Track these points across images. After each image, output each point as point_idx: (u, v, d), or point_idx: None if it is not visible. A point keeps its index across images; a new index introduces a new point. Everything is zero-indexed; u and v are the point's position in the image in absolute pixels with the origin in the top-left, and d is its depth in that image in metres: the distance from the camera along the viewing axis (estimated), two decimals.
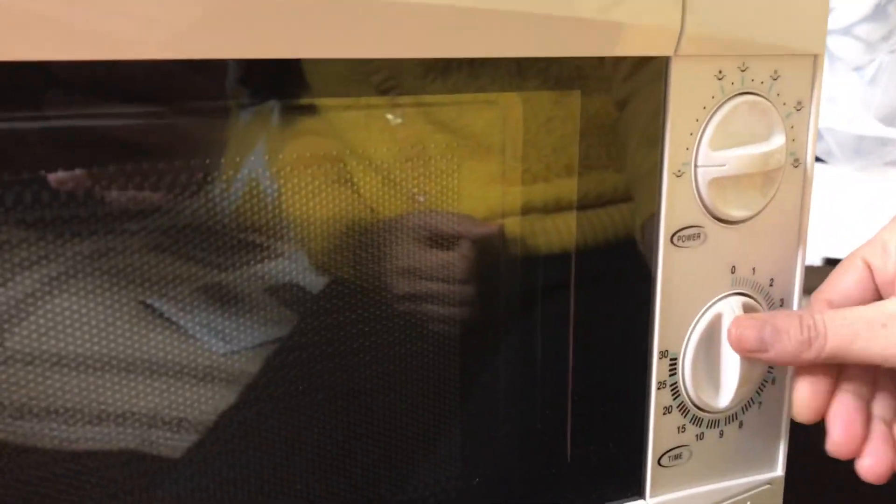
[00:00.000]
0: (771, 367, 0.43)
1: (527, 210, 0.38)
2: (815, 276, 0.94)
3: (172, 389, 0.33)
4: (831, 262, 0.86)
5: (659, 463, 0.41)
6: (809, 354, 0.37)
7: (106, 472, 0.33)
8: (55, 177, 0.30)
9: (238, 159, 0.32)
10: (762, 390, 0.43)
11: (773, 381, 0.44)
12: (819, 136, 0.41)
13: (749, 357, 0.39)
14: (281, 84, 0.32)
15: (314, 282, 0.35)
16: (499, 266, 0.38)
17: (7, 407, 0.31)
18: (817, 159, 0.89)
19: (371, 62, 0.33)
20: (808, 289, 0.44)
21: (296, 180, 0.34)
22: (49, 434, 0.32)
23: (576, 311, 0.39)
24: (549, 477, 0.40)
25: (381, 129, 0.35)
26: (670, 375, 0.40)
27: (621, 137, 0.38)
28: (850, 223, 0.85)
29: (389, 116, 0.35)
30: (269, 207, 0.33)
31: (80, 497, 0.32)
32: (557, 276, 0.39)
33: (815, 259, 0.84)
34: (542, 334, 0.39)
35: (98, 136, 0.30)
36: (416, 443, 0.37)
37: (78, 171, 0.30)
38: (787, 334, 0.38)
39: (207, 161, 0.32)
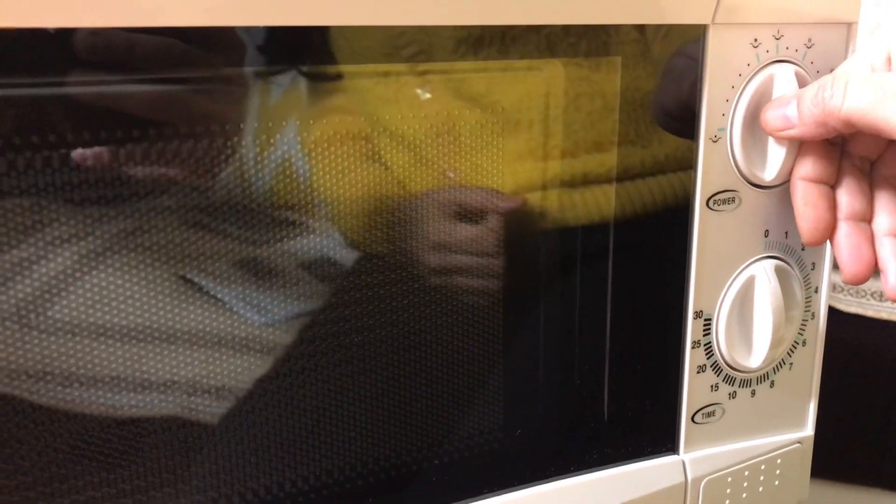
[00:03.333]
0: (801, 330, 0.44)
1: (566, 182, 0.39)
2: None
3: (212, 359, 0.34)
4: None
5: (692, 420, 0.43)
6: (822, 113, 0.35)
7: (150, 437, 0.34)
8: (79, 153, 0.30)
9: (269, 138, 0.33)
10: (793, 352, 0.45)
11: (804, 343, 0.45)
12: None
13: (779, 136, 0.38)
14: (309, 60, 0.33)
15: (347, 256, 0.36)
16: (538, 235, 0.39)
17: (55, 376, 0.32)
18: None
19: (402, 35, 0.34)
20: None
21: (327, 157, 0.34)
22: (96, 401, 0.32)
23: (614, 274, 0.40)
24: (588, 431, 0.42)
25: (411, 104, 0.35)
26: (704, 335, 0.42)
27: (655, 107, 0.39)
28: None
29: (419, 91, 0.35)
30: (302, 184, 0.34)
31: (126, 461, 0.33)
32: (596, 242, 0.40)
33: None
34: (582, 296, 0.40)
35: (124, 105, 0.31)
36: (460, 398, 0.39)
37: (105, 148, 0.30)
38: (803, 97, 0.36)
39: (239, 139, 0.32)
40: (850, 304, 0.87)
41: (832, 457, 0.80)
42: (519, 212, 0.39)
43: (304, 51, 0.33)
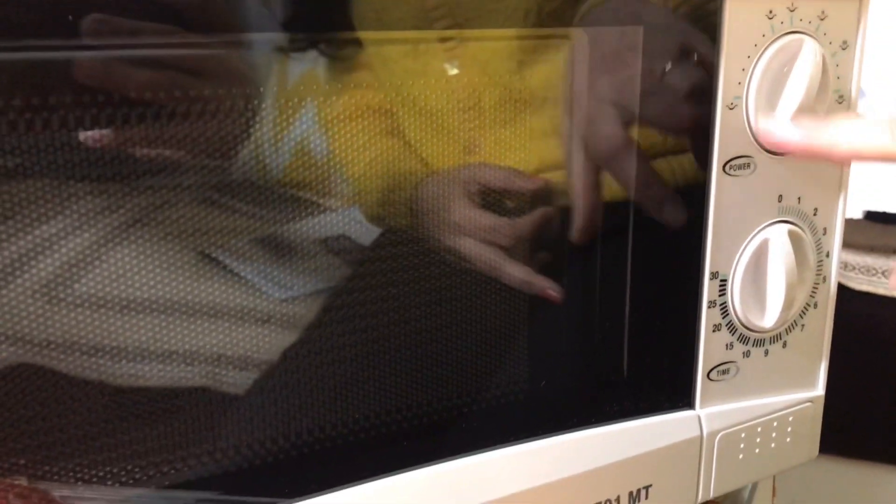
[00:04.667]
0: (813, 293, 0.46)
1: None
2: (856, 229, 0.96)
3: (235, 332, 0.35)
4: (871, 216, 0.88)
5: (708, 377, 0.45)
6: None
7: (176, 406, 0.35)
8: (100, 133, 0.31)
9: (289, 114, 0.34)
10: (805, 313, 0.46)
11: (815, 306, 0.47)
12: (860, 92, 0.44)
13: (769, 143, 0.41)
14: (332, 32, 0.34)
15: (370, 230, 0.37)
16: (566, 205, 0.41)
17: (82, 346, 0.32)
18: None
19: (438, 7, 0.35)
20: (848, 243, 0.46)
21: (347, 132, 0.35)
22: (121, 371, 0.33)
23: (634, 236, 0.42)
24: (608, 386, 0.44)
25: (438, 77, 0.36)
26: (720, 295, 0.44)
27: (675, 77, 0.41)
28: (889, 177, 0.86)
29: (446, 66, 0.36)
30: (322, 160, 0.35)
31: (154, 429, 0.34)
32: (618, 206, 0.42)
33: (855, 212, 0.86)
34: (603, 257, 0.42)
35: (142, 85, 0.31)
36: (489, 354, 0.41)
37: (126, 127, 0.31)
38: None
39: (259, 116, 0.33)
40: (861, 283, 0.88)
41: (843, 433, 0.82)
42: (551, 185, 0.40)
43: (326, 23, 0.34)
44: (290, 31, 0.33)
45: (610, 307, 0.43)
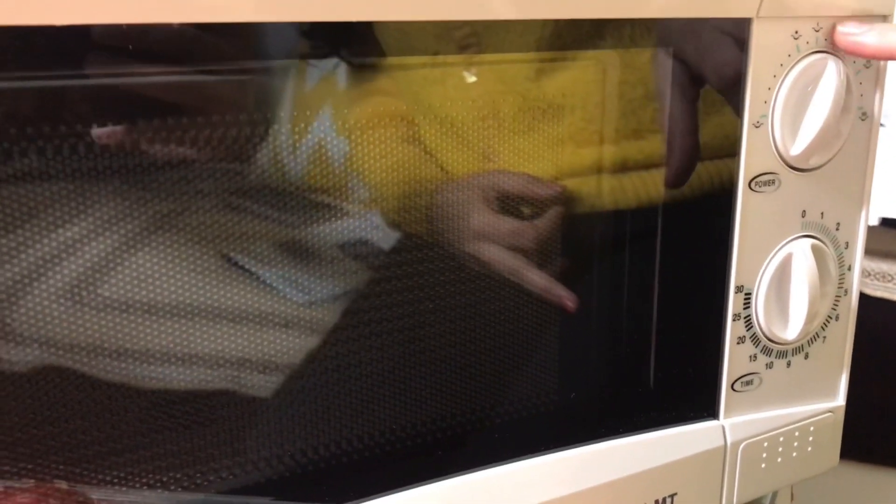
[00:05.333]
0: (835, 306, 0.47)
1: (616, 167, 0.41)
2: (872, 236, 0.96)
3: (258, 335, 0.36)
4: (888, 222, 0.89)
5: (732, 388, 0.46)
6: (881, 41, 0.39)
7: (201, 409, 0.35)
8: (99, 132, 0.31)
9: (307, 121, 0.34)
10: (826, 326, 0.47)
11: (837, 318, 0.48)
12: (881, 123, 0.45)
13: (840, 42, 0.42)
14: (353, 45, 0.34)
15: (390, 235, 0.38)
16: (591, 214, 0.42)
17: (108, 350, 0.33)
18: None
19: (461, 27, 0.35)
20: (864, 250, 0.47)
21: (367, 140, 0.35)
22: (147, 375, 0.34)
23: (661, 251, 0.43)
24: (635, 396, 0.45)
25: (457, 86, 0.37)
26: (744, 308, 0.45)
27: (704, 94, 0.42)
28: None
29: (465, 73, 0.37)
30: (341, 166, 0.35)
31: (180, 433, 0.35)
32: (646, 222, 0.43)
33: (872, 219, 0.87)
34: (631, 271, 0.43)
35: (163, 94, 0.31)
36: (520, 365, 0.42)
37: (147, 133, 0.31)
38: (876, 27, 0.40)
39: (278, 124, 0.33)
40: (878, 289, 0.89)
41: (861, 438, 0.82)
42: (571, 193, 0.41)
43: (347, 37, 0.34)
44: (311, 44, 0.34)
45: (637, 319, 0.44)
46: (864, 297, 0.89)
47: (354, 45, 0.34)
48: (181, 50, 0.31)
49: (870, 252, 0.90)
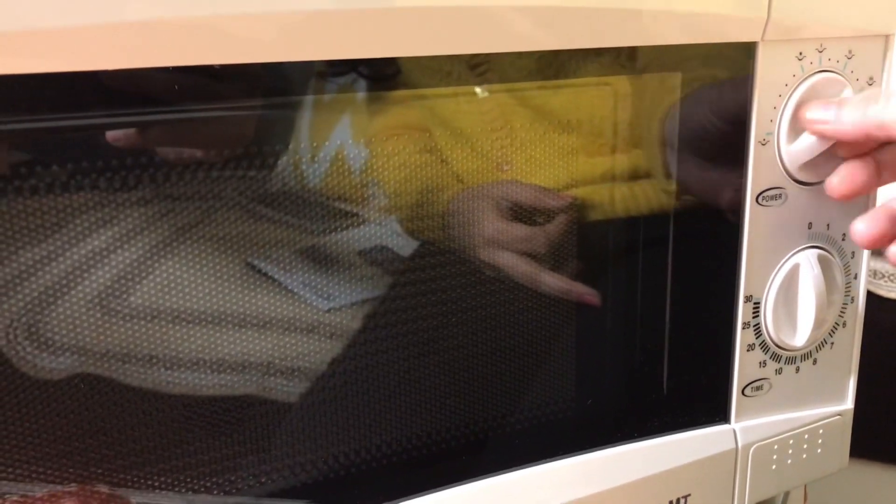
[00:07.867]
0: (842, 313, 0.49)
1: (632, 177, 0.43)
2: None
3: (283, 342, 0.36)
4: None
5: (743, 393, 0.47)
6: (863, 118, 0.40)
7: (229, 415, 0.36)
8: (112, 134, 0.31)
9: (327, 132, 0.35)
10: (834, 332, 0.49)
11: (844, 325, 0.49)
12: None
13: (814, 130, 0.42)
14: (370, 66, 0.35)
15: (408, 242, 0.39)
16: (604, 224, 0.44)
17: (138, 357, 0.34)
18: None
19: (475, 56, 0.37)
20: (876, 251, 0.49)
21: (385, 149, 0.36)
22: (175, 381, 0.35)
23: (673, 262, 0.45)
24: (649, 402, 0.47)
25: (469, 100, 0.37)
26: (753, 317, 0.46)
27: (710, 114, 0.44)
28: None
29: (478, 90, 0.38)
30: (361, 176, 0.36)
31: (207, 438, 0.36)
32: (657, 233, 0.44)
33: None
34: (644, 281, 0.45)
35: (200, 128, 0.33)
36: (538, 373, 0.44)
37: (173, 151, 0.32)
38: (847, 102, 0.41)
39: (296, 135, 0.34)
40: (891, 290, 0.90)
41: (871, 437, 0.83)
42: (583, 201, 0.42)
43: (364, 61, 0.35)
44: (332, 66, 0.35)
45: (651, 329, 0.46)
46: (877, 299, 0.90)
47: (371, 65, 0.35)
48: (212, 79, 0.32)
49: (882, 254, 0.91)
